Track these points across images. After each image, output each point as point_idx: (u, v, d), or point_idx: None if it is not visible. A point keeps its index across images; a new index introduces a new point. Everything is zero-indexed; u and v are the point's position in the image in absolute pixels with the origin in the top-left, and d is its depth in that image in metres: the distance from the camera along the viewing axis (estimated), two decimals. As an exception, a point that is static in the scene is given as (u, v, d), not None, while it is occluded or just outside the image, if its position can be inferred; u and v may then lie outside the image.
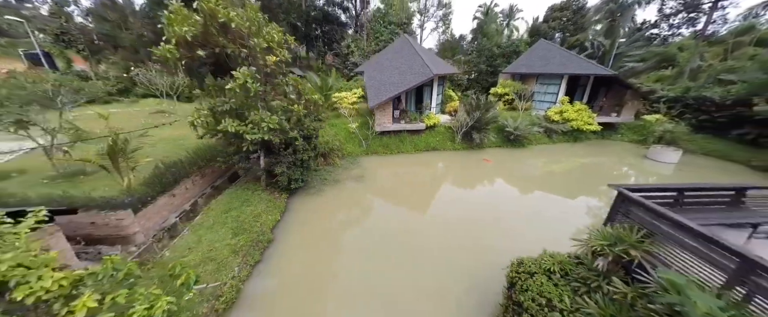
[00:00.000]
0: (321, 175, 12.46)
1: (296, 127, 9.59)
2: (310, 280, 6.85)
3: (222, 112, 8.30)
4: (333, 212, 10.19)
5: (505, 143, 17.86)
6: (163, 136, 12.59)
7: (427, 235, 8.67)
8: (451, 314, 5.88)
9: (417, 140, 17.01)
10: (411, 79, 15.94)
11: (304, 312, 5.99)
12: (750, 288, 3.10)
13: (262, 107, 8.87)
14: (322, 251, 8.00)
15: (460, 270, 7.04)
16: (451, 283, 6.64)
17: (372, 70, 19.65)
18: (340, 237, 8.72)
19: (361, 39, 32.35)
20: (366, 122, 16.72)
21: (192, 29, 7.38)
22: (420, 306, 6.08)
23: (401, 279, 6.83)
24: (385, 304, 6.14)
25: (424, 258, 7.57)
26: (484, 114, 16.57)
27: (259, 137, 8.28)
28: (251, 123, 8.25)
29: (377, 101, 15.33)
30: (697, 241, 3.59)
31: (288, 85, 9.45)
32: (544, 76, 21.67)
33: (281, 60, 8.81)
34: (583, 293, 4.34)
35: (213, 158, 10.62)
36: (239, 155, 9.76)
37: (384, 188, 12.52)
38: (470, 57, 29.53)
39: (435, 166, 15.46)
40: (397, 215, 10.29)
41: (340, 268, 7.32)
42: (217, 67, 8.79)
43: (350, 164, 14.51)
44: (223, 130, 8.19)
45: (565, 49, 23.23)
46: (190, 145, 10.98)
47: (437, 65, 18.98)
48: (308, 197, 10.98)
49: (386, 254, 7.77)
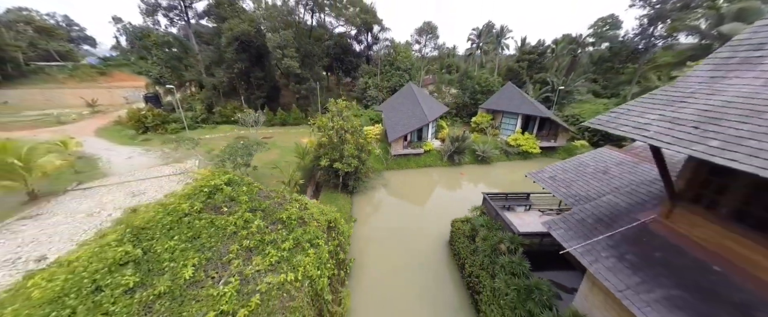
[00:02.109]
0: (364, 184, 21.93)
1: (358, 159, 19.05)
2: (371, 227, 16.32)
3: (324, 153, 17.73)
4: (374, 203, 19.67)
5: (476, 161, 27.27)
6: (261, 158, 22.04)
7: (424, 213, 18.12)
8: (432, 242, 15.30)
9: (418, 160, 26.46)
10: (414, 123, 25.40)
11: (373, 236, 15.41)
12: (491, 212, 12.43)
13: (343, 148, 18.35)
14: (370, 217, 17.48)
15: (438, 226, 16.45)
16: (434, 231, 16.06)
17: (389, 112, 29.18)
18: (378, 212, 18.19)
19: (375, 74, 41.77)
20: (385, 148, 26.19)
21: (325, 138, 16.82)
22: (418, 243, 15.50)
23: (410, 230, 16.28)
24: (400, 241, 15.58)
25: (422, 222, 17.02)
26: (461, 143, 25.99)
27: (345, 169, 17.73)
28: (343, 161, 17.67)
29: (393, 137, 24.83)
30: (494, 212, 12.95)
31: (360, 137, 18.90)
32: (507, 113, 31.10)
33: (357, 127, 18.26)
34: (472, 234, 13.71)
35: (313, 174, 20.11)
36: (330, 174, 19.18)
37: (399, 191, 21.99)
38: (457, 93, 39.09)
39: (430, 177, 24.92)
40: (407, 205, 19.75)
41: (379, 224, 16.79)
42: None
43: (377, 177, 23.96)
44: (324, 164, 17.61)
45: (523, 92, 32.57)
46: (285, 165, 20.46)
47: (433, 111, 28.43)
48: (360, 196, 20.47)
49: (401, 221, 17.23)
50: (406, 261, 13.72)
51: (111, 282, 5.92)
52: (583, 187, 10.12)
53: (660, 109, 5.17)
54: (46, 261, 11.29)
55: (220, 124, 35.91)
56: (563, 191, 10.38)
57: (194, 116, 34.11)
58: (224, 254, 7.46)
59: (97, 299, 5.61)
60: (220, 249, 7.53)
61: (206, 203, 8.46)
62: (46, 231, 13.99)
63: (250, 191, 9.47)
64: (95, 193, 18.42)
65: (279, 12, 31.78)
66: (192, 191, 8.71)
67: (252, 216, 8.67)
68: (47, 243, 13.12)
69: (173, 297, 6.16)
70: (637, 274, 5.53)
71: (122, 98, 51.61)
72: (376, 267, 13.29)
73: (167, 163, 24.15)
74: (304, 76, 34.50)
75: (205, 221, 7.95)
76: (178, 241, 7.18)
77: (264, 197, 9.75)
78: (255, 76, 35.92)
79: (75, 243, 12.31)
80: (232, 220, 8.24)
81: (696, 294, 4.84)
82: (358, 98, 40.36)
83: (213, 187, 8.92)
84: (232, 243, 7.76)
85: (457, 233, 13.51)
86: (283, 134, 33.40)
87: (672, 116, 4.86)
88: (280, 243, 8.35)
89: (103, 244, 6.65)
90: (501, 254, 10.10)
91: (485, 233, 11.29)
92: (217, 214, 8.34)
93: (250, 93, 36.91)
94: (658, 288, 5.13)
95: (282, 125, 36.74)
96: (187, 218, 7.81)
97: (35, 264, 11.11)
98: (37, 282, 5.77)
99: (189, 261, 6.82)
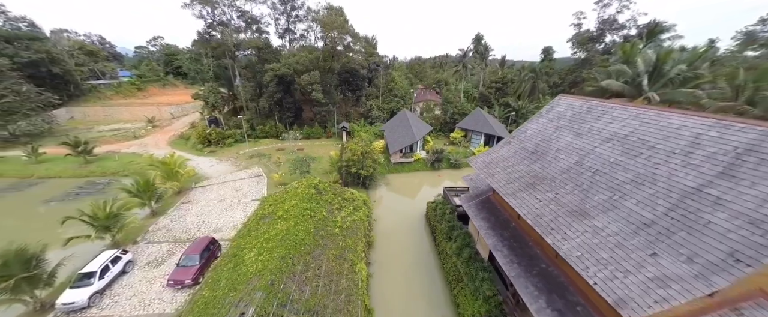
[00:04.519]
0: (374, 182, 33.48)
1: (372, 167, 30.62)
2: (380, 207, 27.89)
3: (352, 164, 29.29)
4: (381, 194, 31.28)
5: (450, 166, 38.94)
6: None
7: (413, 200, 29.79)
8: (417, 216, 26.89)
9: (410, 166, 38.07)
10: (407, 140, 37.02)
11: (380, 214, 27.01)
12: (446, 196, 24.00)
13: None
14: (378, 203, 29.08)
15: (420, 207, 28.02)
16: (418, 210, 27.65)
17: (389, 131, 40.84)
18: (384, 200, 29.81)
19: (377, 96, 53.25)
20: (387, 158, 37.78)
21: (355, 156, 28.43)
22: (408, 216, 27.10)
23: (403, 209, 27.91)
24: (397, 215, 27.20)
25: (411, 205, 28.66)
26: (439, 154, 37.67)
27: (365, 173, 29.29)
28: (365, 167, 29.22)
29: (393, 150, 36.42)
30: (447, 197, 24.54)
31: (374, 154, 30.52)
32: (474, 131, 42.94)
33: (372, 150, 29.85)
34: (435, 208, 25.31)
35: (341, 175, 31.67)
36: (353, 176, 30.73)
37: (396, 187, 33.56)
38: (440, 114, 50.96)
39: (418, 178, 36.54)
40: (402, 195, 31.39)
41: (388, 206, 28.40)
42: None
43: (382, 178, 35.50)
44: (353, 171, 29.13)
45: (487, 115, 44.34)
46: (327, 169, 32.01)
47: (420, 131, 40.04)
48: (372, 190, 32.02)
49: (398, 204, 28.87)
50: (400, 226, 25.29)
51: (309, 207, 17.45)
52: (480, 180, 21.75)
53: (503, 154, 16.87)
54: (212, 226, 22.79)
55: (260, 138, 47.19)
56: (471, 183, 22.02)
57: (242, 133, 45.35)
58: (330, 210, 19.03)
59: (306, 213, 17.13)
60: (326, 208, 19.09)
61: (314, 189, 20.03)
62: (203, 210, 25.35)
63: (330, 188, 21.06)
64: (209, 189, 29.78)
65: (310, 60, 43.17)
66: (307, 183, 20.26)
67: (333, 196, 20.25)
68: (209, 213, 24.51)
69: (325, 219, 17.69)
70: (484, 219, 17.14)
71: (169, 113, 62.31)
72: (383, 228, 24.86)
73: (240, 169, 35.53)
74: (325, 103, 45.91)
75: (316, 196, 19.48)
76: (314, 203, 18.73)
77: (333, 189, 21.35)
78: (286, 101, 47.23)
79: (222, 215, 23.81)
80: (328, 198, 19.81)
81: (502, 227, 16.47)
82: (364, 116, 51.94)
83: (315, 184, 20.49)
84: (331, 205, 19.35)
85: (429, 208, 25.16)
86: (310, 145, 44.76)
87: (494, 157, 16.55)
88: (348, 207, 19.95)
89: (300, 192, 18.24)
90: (446, 214, 21.73)
91: (441, 207, 22.92)
92: (319, 194, 19.90)
93: (282, 114, 48.20)
94: (493, 226, 16.76)
95: (307, 138, 48.13)
96: (314, 194, 19.39)
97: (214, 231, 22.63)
98: (281, 214, 17.32)
99: (323, 209, 18.39)
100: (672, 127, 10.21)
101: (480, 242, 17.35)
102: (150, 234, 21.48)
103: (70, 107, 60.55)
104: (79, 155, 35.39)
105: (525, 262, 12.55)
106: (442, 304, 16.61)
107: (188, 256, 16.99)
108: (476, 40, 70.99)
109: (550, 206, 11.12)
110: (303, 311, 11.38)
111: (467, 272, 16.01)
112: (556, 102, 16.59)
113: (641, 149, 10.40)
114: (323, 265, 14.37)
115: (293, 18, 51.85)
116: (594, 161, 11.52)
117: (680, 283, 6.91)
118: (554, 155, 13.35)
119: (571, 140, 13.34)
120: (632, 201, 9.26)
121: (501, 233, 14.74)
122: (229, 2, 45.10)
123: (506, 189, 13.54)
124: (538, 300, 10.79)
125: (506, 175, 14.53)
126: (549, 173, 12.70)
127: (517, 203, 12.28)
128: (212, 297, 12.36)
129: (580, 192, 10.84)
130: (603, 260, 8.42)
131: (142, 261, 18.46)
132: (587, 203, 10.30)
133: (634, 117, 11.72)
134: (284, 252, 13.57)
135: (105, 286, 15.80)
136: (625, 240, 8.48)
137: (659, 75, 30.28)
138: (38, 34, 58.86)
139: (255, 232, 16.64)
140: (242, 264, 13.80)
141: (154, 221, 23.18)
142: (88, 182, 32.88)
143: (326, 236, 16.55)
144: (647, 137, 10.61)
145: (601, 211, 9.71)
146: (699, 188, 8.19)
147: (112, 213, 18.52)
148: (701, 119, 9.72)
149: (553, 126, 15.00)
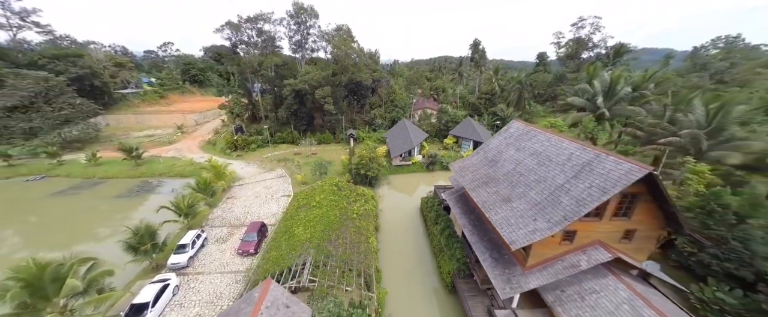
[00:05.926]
0: (379, 182, 40.26)
1: (377, 169, 37.44)
2: (387, 201, 34.70)
3: (361, 166, 36.12)
4: (384, 191, 38.07)
5: (443, 168, 45.67)
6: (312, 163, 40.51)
7: (410, 197, 36.60)
8: (413, 210, 33.65)
9: (408, 168, 44.84)
10: (406, 146, 43.80)
11: (384, 207, 33.81)
12: (436, 193, 30.76)
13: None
14: (382, 199, 35.89)
15: (416, 203, 34.77)
16: (414, 205, 34.40)
17: (390, 138, 47.70)
18: (387, 196, 36.62)
19: (379, 105, 60.04)
20: (389, 161, 44.58)
21: (363, 161, 35.29)
22: (405, 210, 33.89)
23: (402, 205, 34.70)
24: (397, 209, 34.00)
25: (408, 201, 35.45)
26: (433, 158, 44.45)
27: (371, 174, 36.11)
28: (371, 169, 36.08)
29: (394, 154, 43.25)
30: (436, 193, 31.29)
31: (379, 158, 37.37)
32: (464, 138, 49.71)
33: (378, 155, 36.70)
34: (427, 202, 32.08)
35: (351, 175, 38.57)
36: (362, 177, 37.53)
37: (397, 186, 40.33)
38: (436, 122, 57.78)
39: (416, 178, 43.30)
40: (401, 193, 38.19)
41: (390, 201, 35.19)
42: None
43: (385, 178, 42.27)
44: (362, 172, 35.95)
45: (475, 124, 51.07)
46: (338, 171, 38.86)
47: (417, 138, 46.84)
48: (377, 189, 38.79)
49: (398, 200, 35.68)
50: (399, 218, 32.01)
51: (334, 199, 24.27)
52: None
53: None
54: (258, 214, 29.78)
55: (278, 143, 54.07)
56: (454, 182, 28.76)
57: (263, 139, 52.26)
58: (348, 202, 25.86)
59: (332, 203, 23.94)
60: (345, 200, 25.91)
61: (336, 186, 26.88)
62: (245, 203, 32.19)
63: (347, 186, 27.92)
64: (246, 187, 36.65)
65: (322, 76, 50.04)
66: (330, 182, 27.12)
67: (349, 192, 27.11)
68: (251, 206, 31.36)
69: (345, 207, 24.51)
70: (460, 208, 23.90)
71: (193, 120, 69.23)
72: (387, 217, 31.60)
73: (266, 170, 42.39)
74: (334, 113, 52.76)
75: (337, 191, 26.31)
76: (337, 197, 25.55)
77: (349, 187, 28.22)
78: (301, 111, 54.11)
79: (261, 207, 30.69)
80: (345, 193, 26.67)
81: (470, 212, 23.21)
82: (368, 123, 58.80)
83: (336, 183, 27.34)
84: (348, 199, 26.19)
85: (423, 202, 31.94)
86: (322, 150, 51.55)
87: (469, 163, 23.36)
88: (360, 200, 26.80)
89: (325, 188, 25.13)
90: (435, 206, 28.49)
91: (432, 201, 29.68)
92: (340, 190, 26.74)
93: (297, 122, 55.07)
94: (464, 212, 23.50)
95: (319, 143, 54.98)
96: (336, 190, 26.25)
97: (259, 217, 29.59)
98: (310, 202, 24.17)
99: (343, 201, 25.25)
100: (562, 147, 16.98)
101: (456, 224, 24.10)
102: (210, 221, 28.32)
103: (105, 115, 67.55)
104: (132, 158, 42.33)
105: (480, 233, 19.33)
106: (428, 266, 23.38)
107: (249, 234, 23.80)
108: (474, 46, 77.67)
109: (492, 196, 17.90)
110: (339, 261, 18.23)
111: (447, 244, 22.78)
112: (511, 124, 23.33)
113: (545, 161, 17.18)
114: (348, 237, 21.20)
115: (306, 37, 58.77)
116: (522, 168, 18.28)
117: (541, 232, 13.67)
118: (502, 163, 20.12)
119: (513, 153, 20.11)
120: (534, 192, 16.03)
121: (469, 217, 21.52)
122: (251, 26, 52.03)
123: (470, 186, 20.32)
124: (484, 253, 17.57)
125: (472, 176, 21.32)
126: (497, 175, 19.48)
127: (476, 195, 19.06)
128: (279, 255, 19.20)
129: (510, 187, 17.62)
130: (512, 224, 15.19)
131: (212, 238, 25.32)
132: (513, 193, 17.07)
133: (547, 140, 18.49)
134: (323, 227, 20.42)
135: (194, 254, 22.66)
136: (524, 213, 15.25)
137: (612, 94, 37.05)
138: (82, 51, 65.84)
139: (296, 217, 23.49)
140: (294, 237, 20.64)
141: (210, 211, 30.04)
142: (142, 181, 39.82)
143: (347, 219, 23.38)
144: (550, 153, 17.38)
145: (517, 197, 16.49)
146: (563, 184, 14.97)
147: (190, 204, 25.37)
148: (576, 144, 16.49)
149: (505, 143, 21.77)
